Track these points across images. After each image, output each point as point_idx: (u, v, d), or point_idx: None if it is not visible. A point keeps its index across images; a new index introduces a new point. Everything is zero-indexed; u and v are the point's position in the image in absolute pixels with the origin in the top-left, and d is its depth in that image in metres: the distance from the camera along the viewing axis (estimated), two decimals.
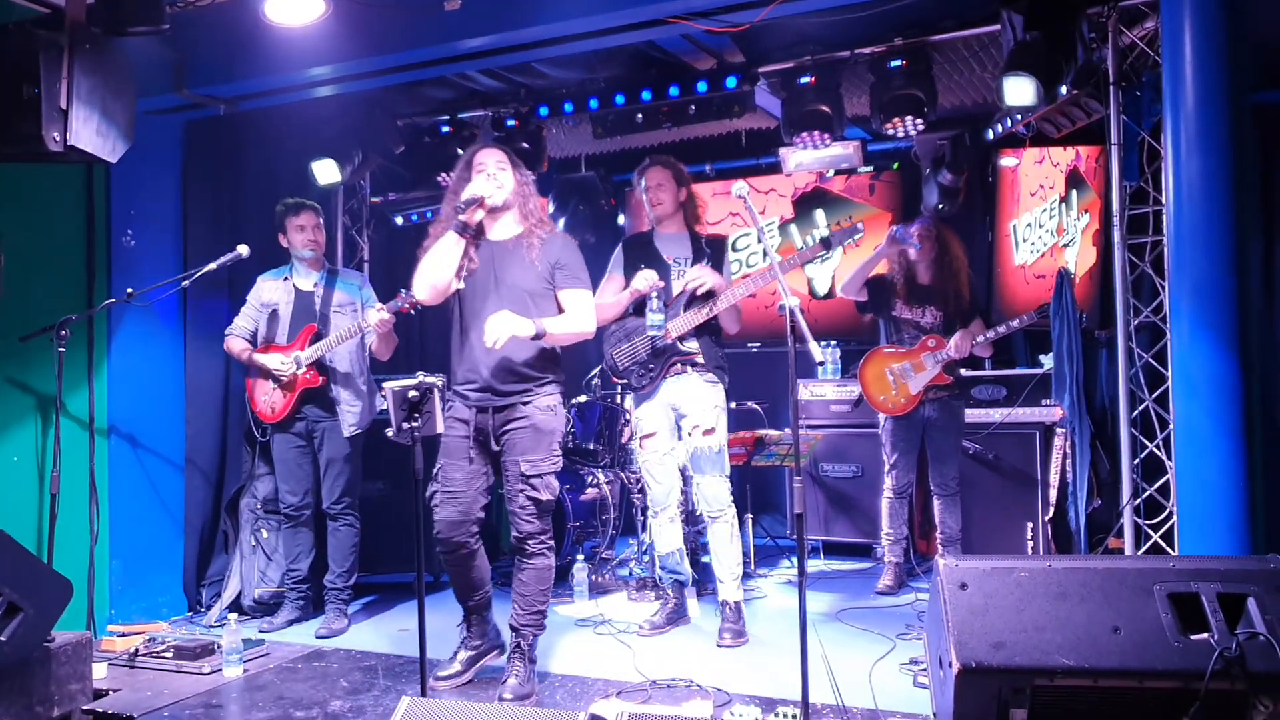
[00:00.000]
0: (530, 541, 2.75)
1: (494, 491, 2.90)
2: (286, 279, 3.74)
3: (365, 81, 3.85)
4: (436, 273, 2.72)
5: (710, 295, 3.29)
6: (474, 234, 2.74)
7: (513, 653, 2.80)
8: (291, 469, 3.69)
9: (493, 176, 2.78)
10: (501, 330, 2.58)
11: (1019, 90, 3.10)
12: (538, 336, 2.66)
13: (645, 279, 3.22)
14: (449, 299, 2.82)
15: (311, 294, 3.72)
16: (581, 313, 2.79)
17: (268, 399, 3.66)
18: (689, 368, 3.31)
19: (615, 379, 3.44)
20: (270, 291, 3.73)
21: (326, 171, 4.38)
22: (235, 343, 3.72)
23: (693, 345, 3.32)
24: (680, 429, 3.38)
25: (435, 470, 2.80)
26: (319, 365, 3.61)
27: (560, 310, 2.81)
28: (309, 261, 3.73)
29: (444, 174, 4.56)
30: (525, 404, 2.75)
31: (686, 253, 3.41)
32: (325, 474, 3.67)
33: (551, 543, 2.80)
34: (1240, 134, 2.72)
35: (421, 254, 2.80)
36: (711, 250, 3.41)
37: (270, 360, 3.59)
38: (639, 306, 3.38)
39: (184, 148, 4.13)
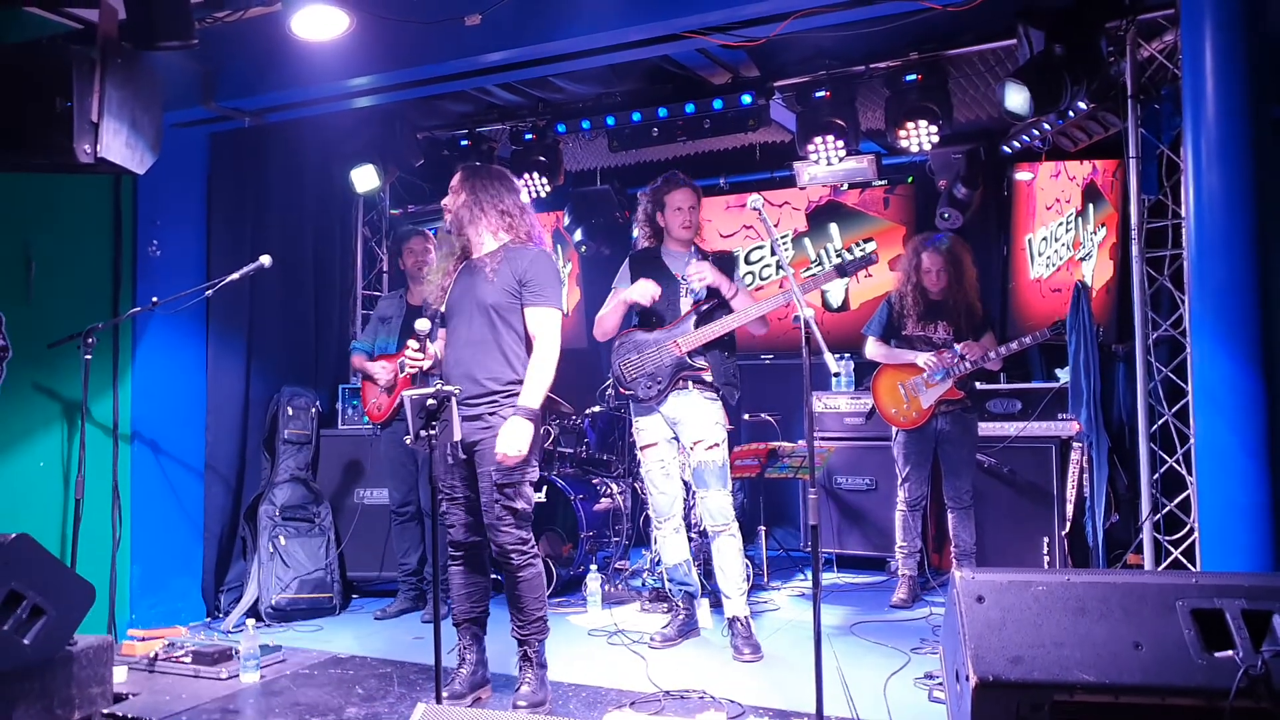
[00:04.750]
0: (514, 555, 2.71)
1: None
2: (401, 296, 4.17)
3: (387, 95, 3.91)
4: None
5: (716, 297, 3.31)
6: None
7: (521, 661, 2.80)
8: (395, 468, 3.98)
9: (445, 209, 2.91)
10: (508, 447, 2.61)
11: (1014, 98, 3.13)
12: (534, 414, 2.67)
13: (642, 292, 3.25)
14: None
15: (419, 309, 3.91)
16: (544, 344, 2.74)
17: (375, 400, 4.01)
18: (692, 384, 3.32)
19: (622, 390, 3.44)
20: (387, 307, 4.19)
21: (365, 179, 4.45)
22: (356, 359, 4.14)
23: (703, 361, 3.31)
24: (680, 444, 3.39)
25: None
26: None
27: (525, 325, 2.78)
28: (421, 281, 4.03)
29: None
30: (492, 414, 2.72)
31: None
32: (421, 474, 3.91)
33: (535, 550, 2.76)
34: (1262, 146, 2.71)
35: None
36: (720, 266, 3.39)
37: (373, 367, 4.02)
38: (643, 318, 3.39)
39: (209, 159, 4.20)
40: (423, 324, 2.72)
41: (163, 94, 2.85)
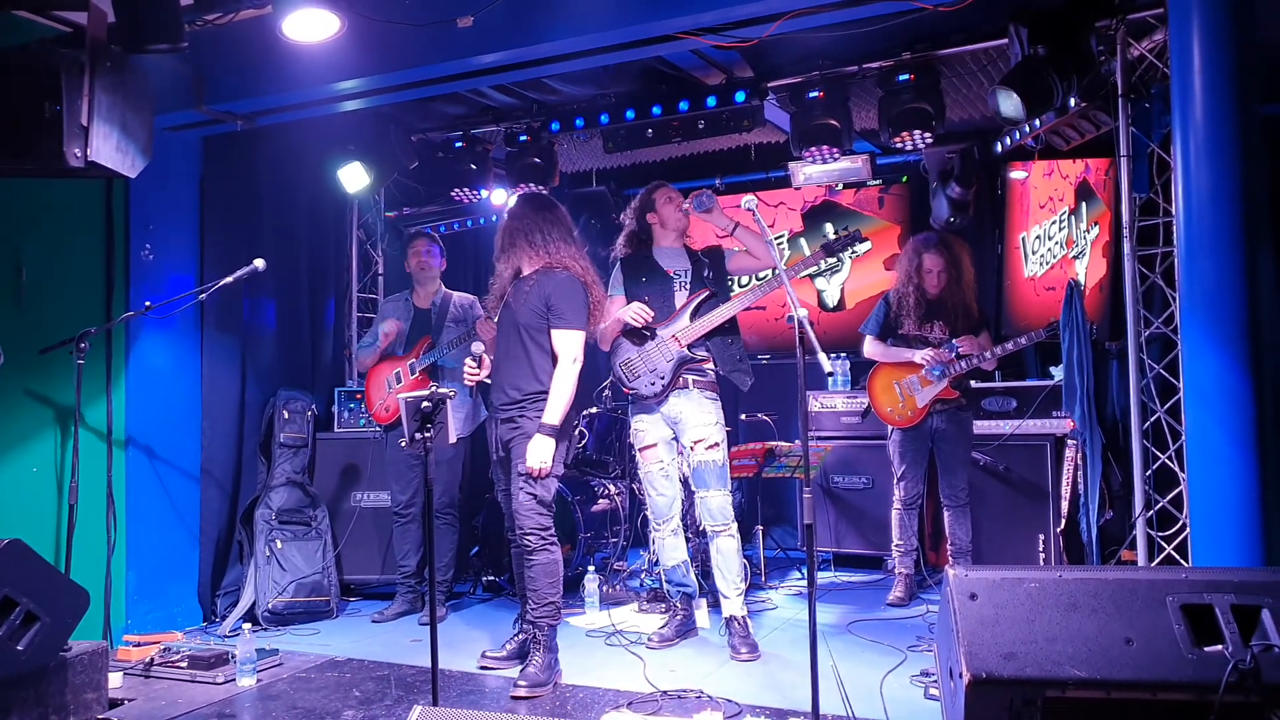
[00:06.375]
0: (531, 538, 2.97)
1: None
2: (407, 299, 4.19)
3: (380, 97, 3.90)
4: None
5: (709, 288, 3.39)
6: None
7: (530, 644, 3.00)
8: (401, 470, 4.00)
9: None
10: (532, 461, 2.91)
11: (1006, 104, 3.15)
12: (555, 430, 2.93)
13: (634, 316, 3.31)
14: None
15: (428, 311, 4.12)
16: (563, 363, 3.01)
17: (383, 402, 4.05)
18: (693, 382, 3.34)
19: (625, 389, 3.45)
20: (392, 310, 4.21)
21: (354, 177, 4.37)
22: (365, 356, 4.16)
23: (703, 352, 3.35)
24: (680, 444, 3.41)
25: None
26: (430, 371, 4.00)
27: (551, 342, 3.04)
28: (425, 283, 4.14)
29: (457, 189, 4.63)
30: (520, 417, 3.02)
31: (686, 264, 3.49)
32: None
33: (553, 538, 3.00)
34: (1249, 145, 2.72)
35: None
36: (709, 260, 3.48)
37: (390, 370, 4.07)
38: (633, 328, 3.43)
39: (202, 163, 4.20)
40: (478, 346, 3.10)
41: (153, 97, 2.84)
